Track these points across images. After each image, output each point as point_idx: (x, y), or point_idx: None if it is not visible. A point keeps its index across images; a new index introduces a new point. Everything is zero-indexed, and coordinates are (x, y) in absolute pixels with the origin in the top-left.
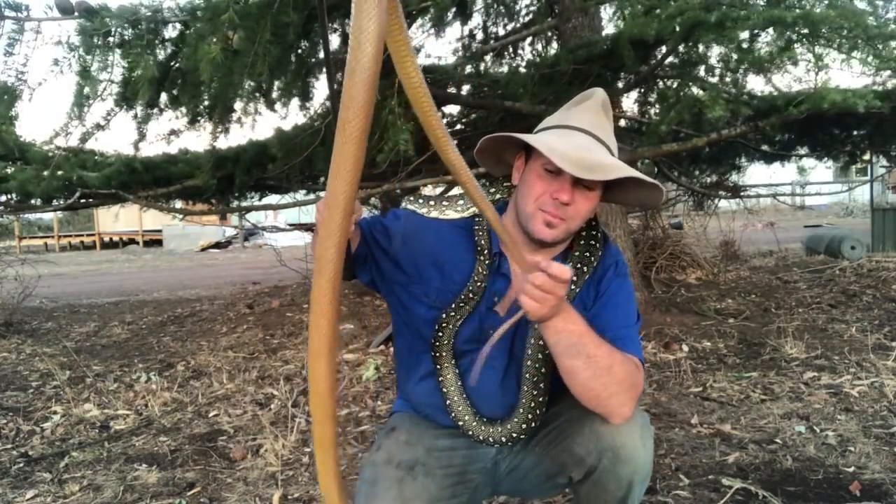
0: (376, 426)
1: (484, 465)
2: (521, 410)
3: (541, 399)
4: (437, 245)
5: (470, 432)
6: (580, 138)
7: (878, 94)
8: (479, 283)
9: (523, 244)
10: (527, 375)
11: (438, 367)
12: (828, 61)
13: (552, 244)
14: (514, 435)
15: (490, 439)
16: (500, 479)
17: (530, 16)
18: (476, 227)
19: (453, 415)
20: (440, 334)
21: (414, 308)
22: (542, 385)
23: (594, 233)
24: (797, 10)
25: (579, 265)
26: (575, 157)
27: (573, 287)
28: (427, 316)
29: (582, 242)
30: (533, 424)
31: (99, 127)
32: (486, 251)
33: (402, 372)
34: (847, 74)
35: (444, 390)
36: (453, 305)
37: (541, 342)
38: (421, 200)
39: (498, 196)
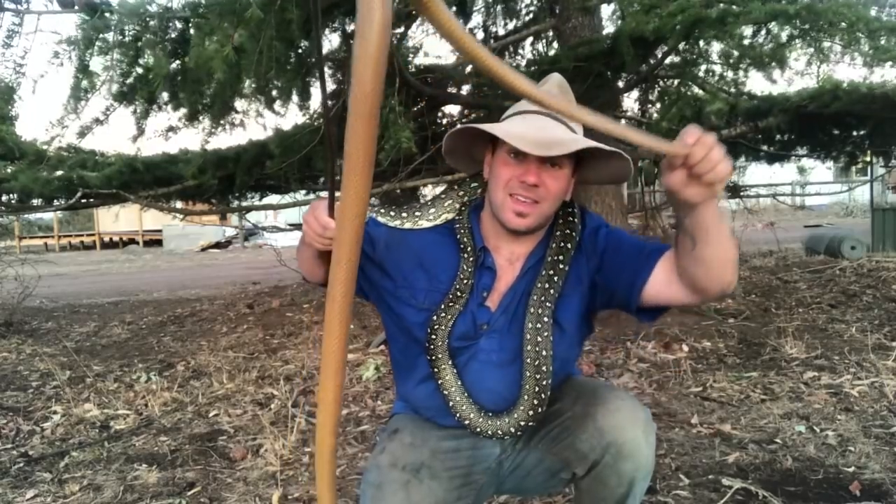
0: (376, 426)
1: (488, 466)
2: (526, 397)
3: (544, 383)
4: (420, 248)
5: (477, 429)
6: (538, 120)
7: (833, 95)
8: (465, 281)
9: (501, 236)
10: (528, 360)
11: (436, 369)
12: (829, 55)
13: (527, 232)
14: (522, 423)
15: (499, 432)
16: (504, 478)
17: (531, 15)
18: (457, 226)
19: (458, 415)
20: (433, 336)
21: (404, 313)
22: (543, 368)
23: (570, 209)
24: (799, 4)
25: (563, 243)
26: (532, 136)
27: (561, 266)
28: (418, 319)
29: (561, 222)
30: (540, 410)
31: (98, 122)
32: (469, 248)
33: (399, 376)
34: (849, 69)
35: (445, 392)
36: (443, 306)
37: (538, 325)
38: (392, 213)
39: (467, 198)
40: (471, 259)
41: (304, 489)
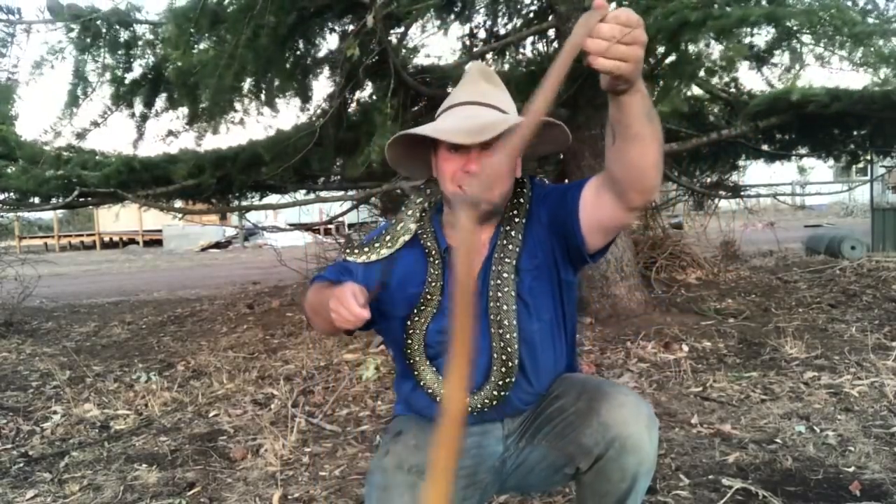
0: (376, 426)
1: (492, 465)
2: (495, 356)
3: (508, 336)
4: (390, 262)
5: (468, 408)
6: (465, 110)
7: (841, 95)
8: (433, 283)
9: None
10: (491, 316)
11: (416, 372)
12: (808, 60)
13: (488, 217)
14: (500, 383)
15: (485, 401)
16: (507, 475)
17: (531, 15)
18: (420, 232)
19: (429, 392)
20: (409, 341)
21: (390, 325)
22: (505, 323)
23: (521, 182)
24: (761, 10)
25: (516, 200)
26: (463, 127)
27: (517, 220)
28: (403, 326)
29: (512, 201)
30: (511, 364)
31: (95, 125)
32: (433, 251)
33: (399, 381)
34: (849, 73)
35: (429, 390)
36: (415, 311)
37: (498, 281)
38: (356, 250)
39: (418, 213)
40: (437, 262)
41: (304, 489)
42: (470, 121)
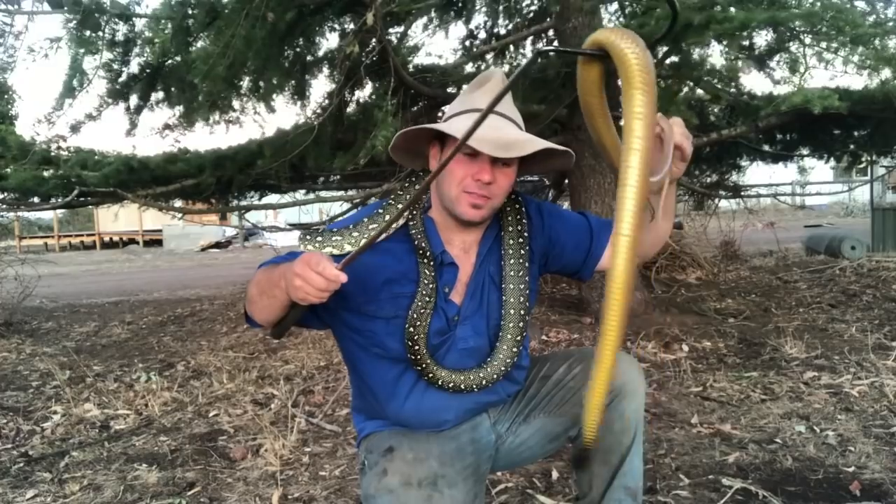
0: None
1: (490, 454)
2: (509, 336)
3: (527, 318)
4: (375, 259)
5: (484, 381)
6: (490, 119)
7: (842, 95)
8: (430, 286)
9: (452, 228)
10: (511, 312)
11: (430, 374)
12: (811, 62)
13: (480, 223)
14: (512, 354)
15: (501, 368)
16: (500, 456)
17: (531, 15)
18: (413, 232)
19: (462, 386)
20: (416, 347)
21: (374, 328)
22: (527, 292)
23: (515, 200)
24: (766, 13)
25: (516, 227)
26: (490, 138)
27: (521, 250)
28: (388, 329)
29: (510, 218)
30: (521, 337)
31: (91, 117)
32: (427, 252)
33: (380, 399)
34: (851, 74)
35: (451, 384)
36: (415, 315)
37: (520, 283)
38: (308, 237)
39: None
40: (431, 263)
41: (304, 489)
42: (497, 133)
